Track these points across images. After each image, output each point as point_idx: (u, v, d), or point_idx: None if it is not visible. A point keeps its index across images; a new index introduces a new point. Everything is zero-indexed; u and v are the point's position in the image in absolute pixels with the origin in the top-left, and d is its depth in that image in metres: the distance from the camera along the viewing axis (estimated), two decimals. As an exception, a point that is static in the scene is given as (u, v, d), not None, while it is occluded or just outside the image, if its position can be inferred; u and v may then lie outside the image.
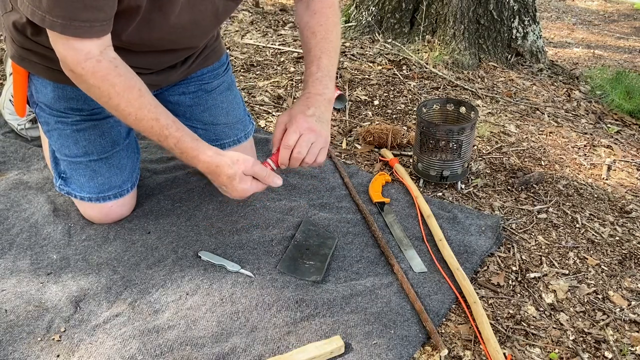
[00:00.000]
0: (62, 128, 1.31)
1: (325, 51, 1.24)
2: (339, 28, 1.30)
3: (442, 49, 2.61)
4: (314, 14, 1.27)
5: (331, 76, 1.24)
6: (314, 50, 1.24)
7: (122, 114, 1.09)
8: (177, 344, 1.07)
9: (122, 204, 1.39)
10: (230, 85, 1.56)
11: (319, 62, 1.23)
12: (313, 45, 1.25)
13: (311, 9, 1.27)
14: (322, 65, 1.23)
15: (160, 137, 1.12)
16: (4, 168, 1.60)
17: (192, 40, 1.29)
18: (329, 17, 1.27)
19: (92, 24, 0.99)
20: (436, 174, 1.62)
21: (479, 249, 1.38)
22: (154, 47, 1.23)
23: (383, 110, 2.13)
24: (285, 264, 1.29)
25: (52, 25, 0.98)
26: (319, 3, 1.27)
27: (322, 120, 1.19)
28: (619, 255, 1.45)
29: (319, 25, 1.26)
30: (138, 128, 1.11)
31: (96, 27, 1.00)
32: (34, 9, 0.97)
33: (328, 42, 1.25)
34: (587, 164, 1.90)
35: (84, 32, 0.99)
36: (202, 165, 1.15)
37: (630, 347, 1.17)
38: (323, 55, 1.24)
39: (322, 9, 1.27)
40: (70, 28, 0.98)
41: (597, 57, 3.44)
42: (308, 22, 1.27)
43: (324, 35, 1.25)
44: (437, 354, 1.09)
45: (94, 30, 1.00)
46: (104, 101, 1.08)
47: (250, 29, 2.91)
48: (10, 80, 1.68)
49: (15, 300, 1.16)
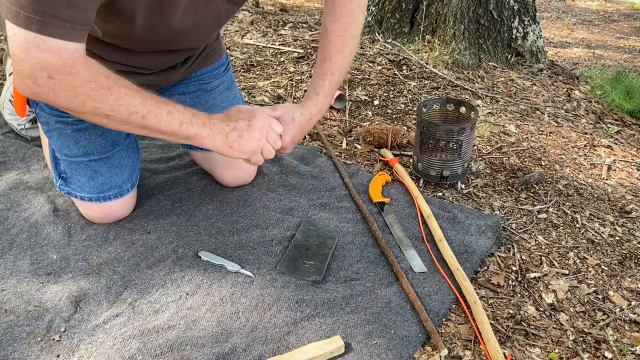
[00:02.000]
0: (62, 128, 1.31)
1: (339, 67, 1.27)
2: (356, 40, 1.30)
3: (442, 49, 2.61)
4: (333, 22, 1.26)
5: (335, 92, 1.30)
6: (329, 64, 1.26)
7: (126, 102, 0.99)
8: (177, 344, 1.07)
9: (123, 204, 1.39)
10: (230, 85, 1.56)
11: (332, 79, 1.27)
12: (327, 57, 1.26)
13: (331, 16, 1.26)
14: (334, 81, 1.28)
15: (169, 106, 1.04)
16: (4, 168, 1.60)
17: (193, 42, 1.30)
18: (346, 28, 1.26)
19: (72, 25, 0.89)
20: (436, 174, 1.62)
21: (479, 249, 1.38)
22: (156, 48, 1.23)
23: (383, 110, 2.13)
24: (285, 264, 1.29)
25: (27, 23, 0.86)
26: (340, 10, 1.26)
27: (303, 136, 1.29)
28: (619, 255, 1.45)
29: (336, 36, 1.26)
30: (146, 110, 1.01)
31: (76, 30, 0.90)
32: (8, 5, 0.86)
33: (342, 57, 1.27)
34: (587, 164, 1.90)
35: (63, 34, 0.89)
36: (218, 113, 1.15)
37: (630, 347, 1.17)
38: (336, 72, 1.27)
39: (341, 18, 1.26)
40: (49, 27, 0.87)
41: (597, 57, 3.45)
42: (327, 28, 1.27)
43: (339, 48, 1.26)
44: (437, 354, 1.09)
45: (74, 34, 0.90)
46: (102, 94, 0.97)
47: (250, 29, 2.91)
48: (10, 80, 1.68)
49: (15, 300, 1.16)
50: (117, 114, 0.99)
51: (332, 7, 1.26)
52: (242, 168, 1.52)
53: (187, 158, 1.67)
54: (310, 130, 1.32)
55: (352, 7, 1.26)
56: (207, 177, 1.58)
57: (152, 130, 1.05)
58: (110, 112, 0.99)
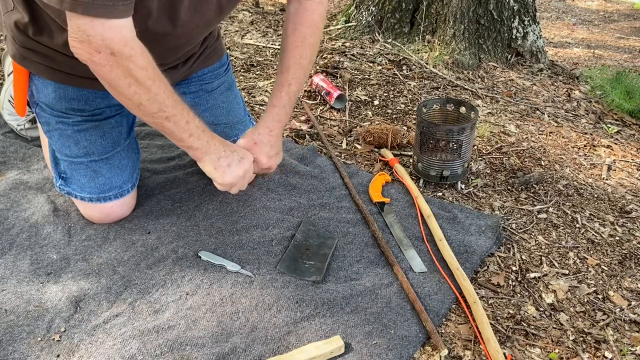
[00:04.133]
0: (63, 128, 1.31)
1: (296, 78, 1.32)
2: (315, 49, 1.34)
3: (442, 49, 2.61)
4: (294, 31, 1.29)
5: (294, 102, 1.36)
6: (286, 75, 1.31)
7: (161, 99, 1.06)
8: (177, 344, 1.07)
9: (123, 204, 1.39)
10: (230, 85, 1.56)
11: (289, 90, 1.32)
12: (285, 68, 1.31)
13: (292, 24, 1.29)
14: (291, 93, 1.33)
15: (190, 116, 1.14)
16: (4, 168, 1.60)
17: (193, 35, 1.28)
18: (306, 38, 1.29)
19: (115, 3, 0.93)
20: (436, 174, 1.62)
21: (479, 249, 1.38)
22: (157, 45, 1.23)
23: (383, 110, 2.13)
24: (285, 264, 1.29)
25: (72, 6, 0.91)
26: (300, 19, 1.28)
27: (280, 150, 1.38)
28: (619, 255, 1.45)
29: (294, 46, 1.29)
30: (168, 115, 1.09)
31: (119, 7, 0.94)
32: None
33: (300, 67, 1.31)
34: (587, 164, 1.90)
35: (107, 12, 0.93)
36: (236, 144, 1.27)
37: (630, 347, 1.17)
38: (293, 82, 1.32)
39: (301, 27, 1.28)
40: (93, 7, 0.91)
41: (597, 57, 3.44)
42: (288, 37, 1.30)
43: (298, 59, 1.30)
44: (437, 354, 1.09)
45: (117, 11, 0.94)
46: (148, 84, 1.03)
47: (250, 29, 2.91)
48: (10, 80, 1.68)
49: (15, 300, 1.16)
50: (149, 105, 1.06)
51: (293, 16, 1.29)
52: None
53: (187, 158, 1.67)
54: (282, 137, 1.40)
55: (314, 17, 1.28)
56: (207, 177, 1.56)
57: (165, 130, 1.14)
58: (145, 102, 1.06)
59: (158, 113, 1.08)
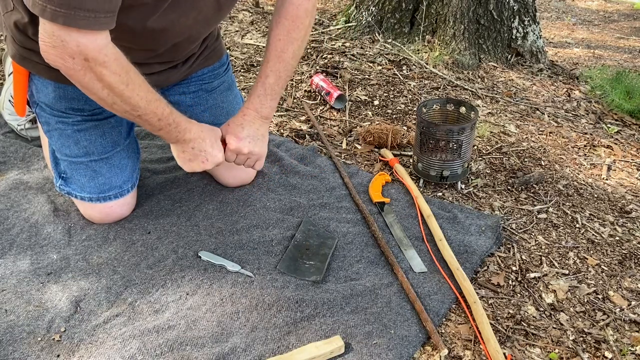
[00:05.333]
0: (62, 128, 1.31)
1: (274, 71, 1.31)
2: (299, 43, 1.31)
3: (442, 49, 2.61)
4: (277, 23, 1.29)
5: (274, 95, 1.34)
6: (265, 67, 1.32)
7: (134, 101, 1.08)
8: (177, 344, 1.07)
9: (123, 204, 1.39)
10: (230, 85, 1.56)
11: (265, 81, 1.32)
12: (266, 59, 1.32)
13: (277, 17, 1.29)
14: (267, 84, 1.32)
15: (164, 114, 1.16)
16: (4, 168, 1.60)
17: (192, 30, 1.28)
18: (289, 32, 1.29)
19: (97, 15, 0.93)
20: (436, 174, 1.62)
21: (479, 249, 1.38)
22: (156, 42, 1.22)
23: (383, 110, 2.13)
24: (285, 264, 1.29)
25: (53, 16, 0.91)
26: (285, 13, 1.27)
27: (257, 137, 1.33)
28: (619, 255, 1.45)
29: (277, 39, 1.29)
30: (140, 113, 1.12)
31: (101, 19, 0.94)
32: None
33: (280, 60, 1.30)
34: (587, 164, 1.90)
35: (89, 24, 0.93)
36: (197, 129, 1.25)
37: (630, 347, 1.17)
38: (271, 74, 1.31)
39: (285, 21, 1.28)
40: (75, 19, 0.91)
41: (597, 57, 3.44)
42: (271, 29, 1.30)
43: (279, 53, 1.30)
44: (437, 354, 1.09)
45: (99, 23, 0.94)
46: (121, 89, 1.05)
47: (250, 29, 2.91)
48: (10, 80, 1.68)
49: (15, 300, 1.16)
50: (122, 105, 1.09)
51: (279, 9, 1.29)
52: (242, 169, 1.52)
53: (187, 158, 1.67)
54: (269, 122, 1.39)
55: (298, 12, 1.28)
56: (207, 177, 1.58)
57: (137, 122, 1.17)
58: (118, 103, 1.09)
59: (131, 112, 1.11)
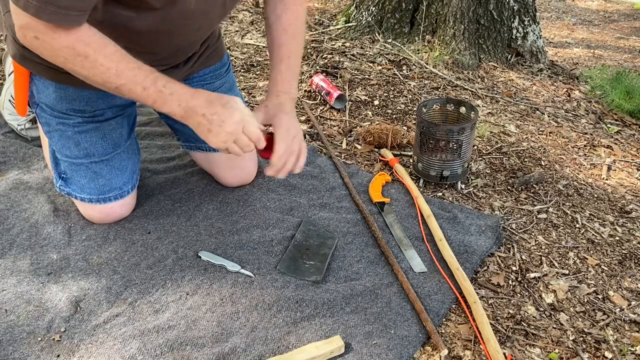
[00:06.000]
0: (63, 129, 1.31)
1: (294, 52, 1.31)
2: (305, 28, 1.35)
3: (442, 49, 2.61)
4: (286, 9, 1.30)
5: (297, 76, 1.32)
6: (284, 48, 1.30)
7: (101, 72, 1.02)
8: (177, 344, 1.07)
9: (123, 204, 1.39)
10: (232, 86, 1.56)
11: (288, 62, 1.30)
12: (284, 41, 1.30)
13: (284, 3, 1.30)
14: (290, 65, 1.30)
15: (146, 82, 1.05)
16: (4, 168, 1.60)
17: (198, 32, 1.28)
18: (299, 17, 1.31)
19: (67, 12, 0.94)
20: (436, 174, 1.62)
21: (479, 249, 1.38)
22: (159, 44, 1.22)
23: (383, 110, 2.13)
24: (285, 264, 1.29)
25: (26, 5, 0.92)
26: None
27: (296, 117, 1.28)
28: (619, 255, 1.45)
29: (288, 23, 1.30)
30: (120, 83, 1.04)
31: (72, 17, 0.95)
32: None
33: (297, 42, 1.31)
34: (587, 164, 1.90)
35: (59, 19, 0.94)
36: (203, 96, 1.10)
37: (630, 347, 1.17)
38: (292, 55, 1.30)
39: (294, 7, 1.30)
40: (45, 12, 0.92)
41: (597, 57, 3.44)
42: (280, 16, 1.30)
43: (293, 34, 1.30)
44: (437, 354, 1.09)
45: (69, 20, 0.95)
46: (79, 61, 1.01)
47: (250, 29, 2.91)
48: (10, 80, 1.68)
49: (15, 300, 1.16)
50: (93, 78, 1.04)
51: None
52: (242, 168, 1.52)
53: (187, 158, 1.67)
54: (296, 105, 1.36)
55: None
56: (207, 177, 1.58)
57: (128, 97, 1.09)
58: (88, 77, 1.04)
59: (105, 84, 1.05)
